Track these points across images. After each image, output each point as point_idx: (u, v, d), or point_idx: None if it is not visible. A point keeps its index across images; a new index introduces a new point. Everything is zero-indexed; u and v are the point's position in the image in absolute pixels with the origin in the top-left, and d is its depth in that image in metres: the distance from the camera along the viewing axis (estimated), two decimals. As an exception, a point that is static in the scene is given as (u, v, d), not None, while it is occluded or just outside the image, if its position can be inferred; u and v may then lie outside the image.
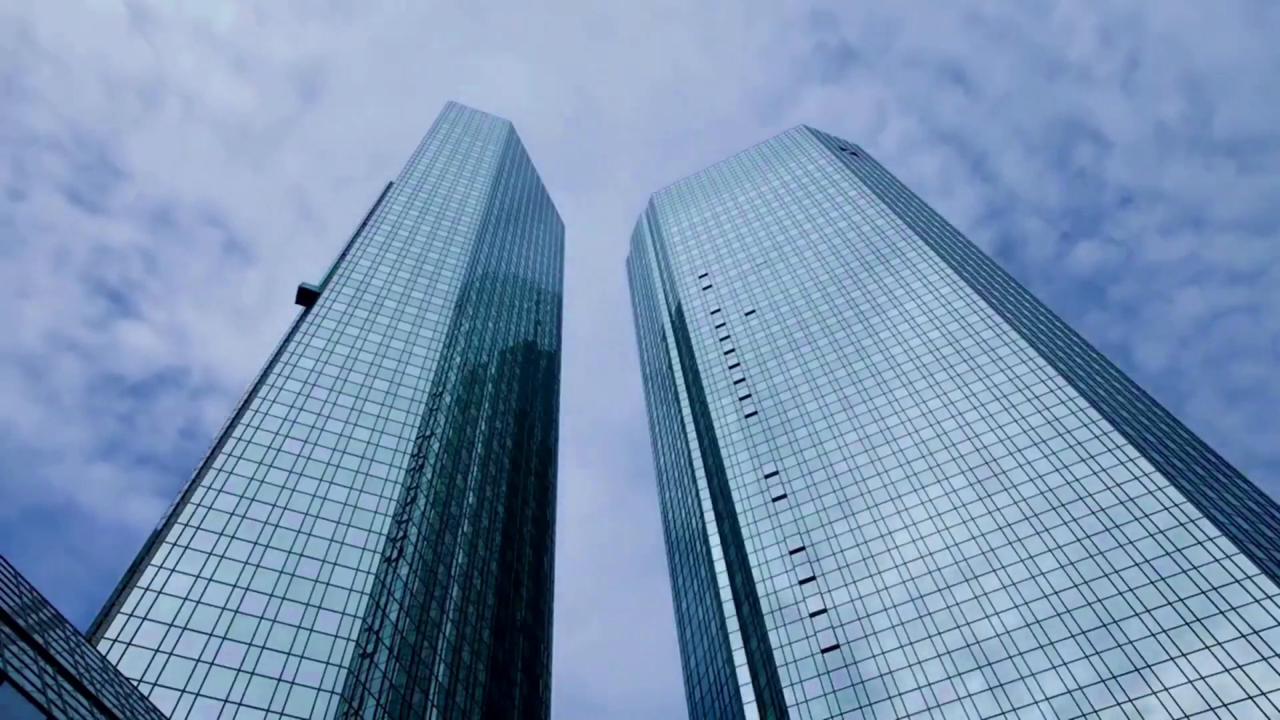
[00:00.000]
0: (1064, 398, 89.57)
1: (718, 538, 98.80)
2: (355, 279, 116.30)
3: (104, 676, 34.39)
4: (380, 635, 68.67)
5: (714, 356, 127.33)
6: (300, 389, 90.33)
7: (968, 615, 73.57)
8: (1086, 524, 75.70)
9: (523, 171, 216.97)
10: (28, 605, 31.52)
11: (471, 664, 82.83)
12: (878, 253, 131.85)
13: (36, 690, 24.25)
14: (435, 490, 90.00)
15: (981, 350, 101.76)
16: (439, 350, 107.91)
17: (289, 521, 74.14)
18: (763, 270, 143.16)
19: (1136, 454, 79.71)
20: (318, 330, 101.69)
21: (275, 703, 58.88)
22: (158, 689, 56.34)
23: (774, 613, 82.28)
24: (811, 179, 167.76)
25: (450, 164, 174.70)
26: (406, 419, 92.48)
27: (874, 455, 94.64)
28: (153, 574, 64.54)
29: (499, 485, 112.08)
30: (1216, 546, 68.57)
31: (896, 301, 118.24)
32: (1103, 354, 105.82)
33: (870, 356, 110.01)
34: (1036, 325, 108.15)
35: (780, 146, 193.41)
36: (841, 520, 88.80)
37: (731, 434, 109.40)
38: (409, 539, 79.94)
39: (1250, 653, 60.78)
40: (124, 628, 59.53)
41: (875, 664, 73.37)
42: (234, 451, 79.15)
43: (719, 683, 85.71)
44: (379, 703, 64.28)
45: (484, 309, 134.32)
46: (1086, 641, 66.86)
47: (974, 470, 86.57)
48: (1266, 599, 63.40)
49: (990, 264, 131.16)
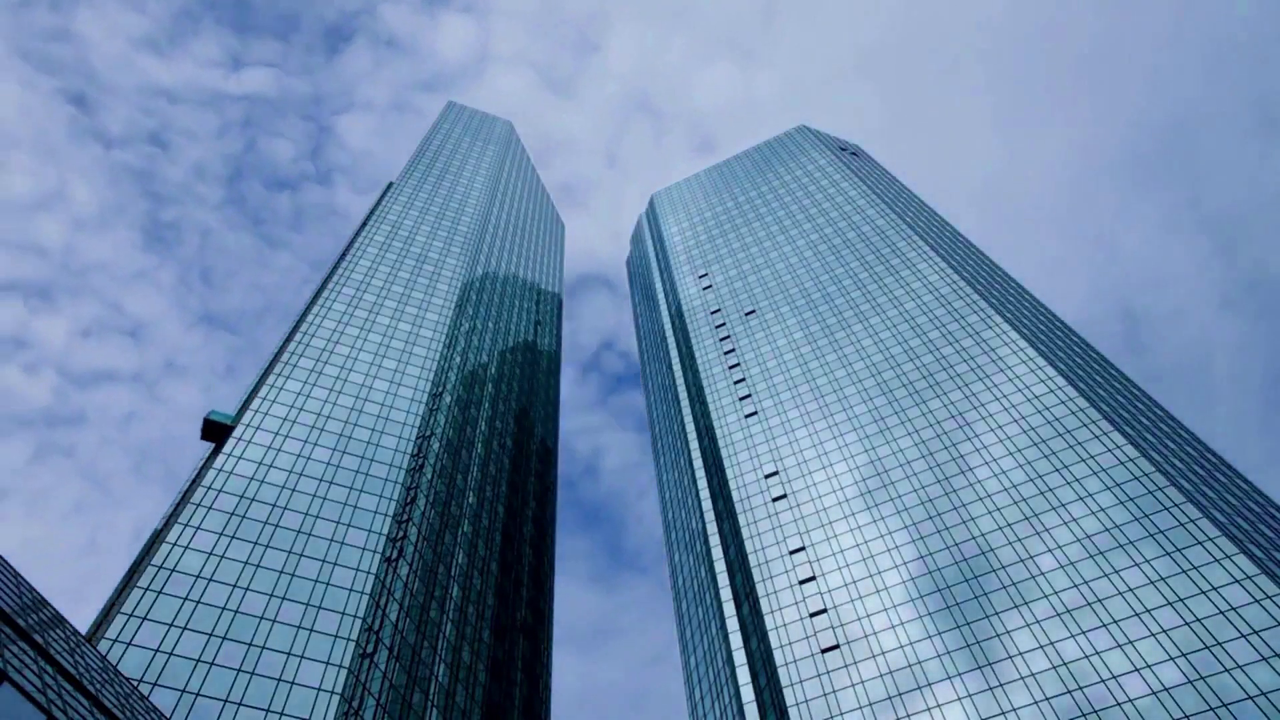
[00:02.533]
0: (1064, 398, 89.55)
1: (718, 538, 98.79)
2: (355, 279, 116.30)
3: (104, 676, 34.38)
4: (380, 635, 68.67)
5: (714, 356, 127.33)
6: (300, 389, 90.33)
7: (968, 615, 73.58)
8: (1086, 524, 75.70)
9: (523, 171, 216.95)
10: (28, 605, 31.51)
11: (471, 664, 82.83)
12: (877, 253, 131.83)
13: (36, 690, 24.26)
14: (435, 490, 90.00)
15: (981, 350, 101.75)
16: (439, 350, 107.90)
17: (289, 521, 74.14)
18: (763, 270, 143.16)
19: (1136, 454, 79.71)
20: (318, 330, 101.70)
21: (275, 703, 58.89)
22: (158, 689, 56.34)
23: (774, 613, 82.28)
24: (811, 179, 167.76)
25: (450, 164, 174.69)
26: (406, 419, 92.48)
27: (874, 455, 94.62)
28: (153, 574, 64.54)
29: (499, 485, 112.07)
30: (1216, 546, 68.57)
31: (896, 301, 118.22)
32: (1102, 354, 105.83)
33: (870, 356, 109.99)
34: (1037, 325, 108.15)
35: (780, 146, 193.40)
36: (841, 520, 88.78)
37: (731, 434, 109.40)
38: (409, 539, 79.93)
39: (1250, 653, 60.79)
40: (124, 628, 59.53)
41: (875, 664, 73.37)
42: (234, 451, 79.14)
43: (719, 683, 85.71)
44: (379, 703, 64.28)
45: (484, 309, 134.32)
46: (1086, 641, 66.87)
47: (974, 470, 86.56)
48: (1266, 599, 63.40)
49: (990, 264, 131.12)
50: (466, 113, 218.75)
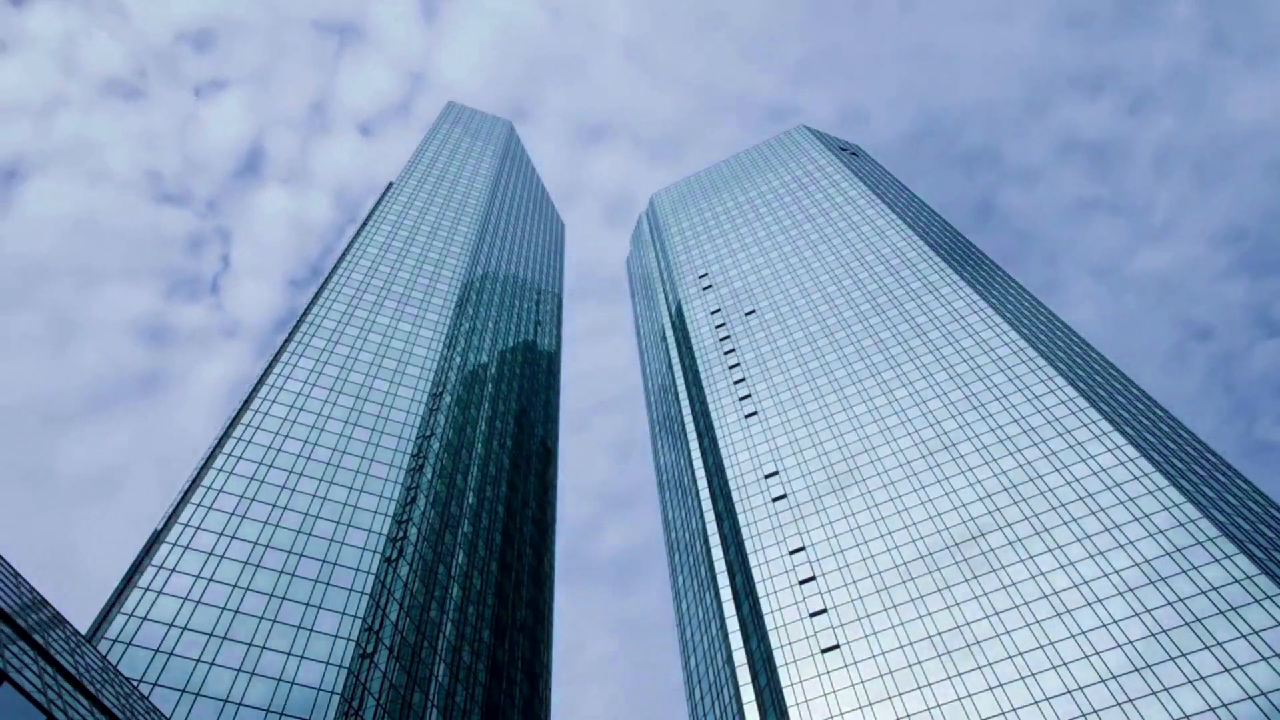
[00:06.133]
0: (1064, 398, 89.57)
1: (718, 538, 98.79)
2: (355, 279, 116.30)
3: (104, 676, 34.38)
4: (380, 635, 68.67)
5: (714, 356, 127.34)
6: (300, 389, 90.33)
7: (968, 615, 73.57)
8: (1087, 524, 75.71)
9: (523, 171, 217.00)
10: (28, 605, 31.52)
11: (471, 664, 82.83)
12: (877, 252, 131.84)
13: (36, 690, 24.26)
14: (435, 490, 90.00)
15: (981, 350, 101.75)
16: (439, 350, 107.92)
17: (289, 521, 74.15)
18: (763, 270, 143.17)
19: (1136, 454, 79.71)
20: (318, 330, 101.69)
21: (275, 703, 58.90)
22: (158, 689, 56.34)
23: (774, 613, 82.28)
24: (811, 179, 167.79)
25: (450, 164, 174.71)
26: (406, 419, 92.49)
27: (874, 455, 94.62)
28: (153, 574, 64.55)
29: (499, 485, 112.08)
30: (1216, 546, 68.57)
31: (896, 302, 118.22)
32: (1103, 354, 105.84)
33: (870, 356, 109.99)
34: (1036, 323, 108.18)
35: (780, 146, 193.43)
36: (841, 520, 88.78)
37: (731, 434, 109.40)
38: (409, 539, 79.94)
39: (1250, 653, 60.78)
40: (124, 628, 59.54)
41: (875, 664, 73.37)
42: (234, 451, 79.15)
43: (719, 683, 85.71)
44: (379, 703, 64.28)
45: (484, 309, 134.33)
46: (1086, 641, 66.86)
47: (974, 470, 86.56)
48: (1266, 599, 63.39)
49: (990, 264, 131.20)
50: (467, 113, 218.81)
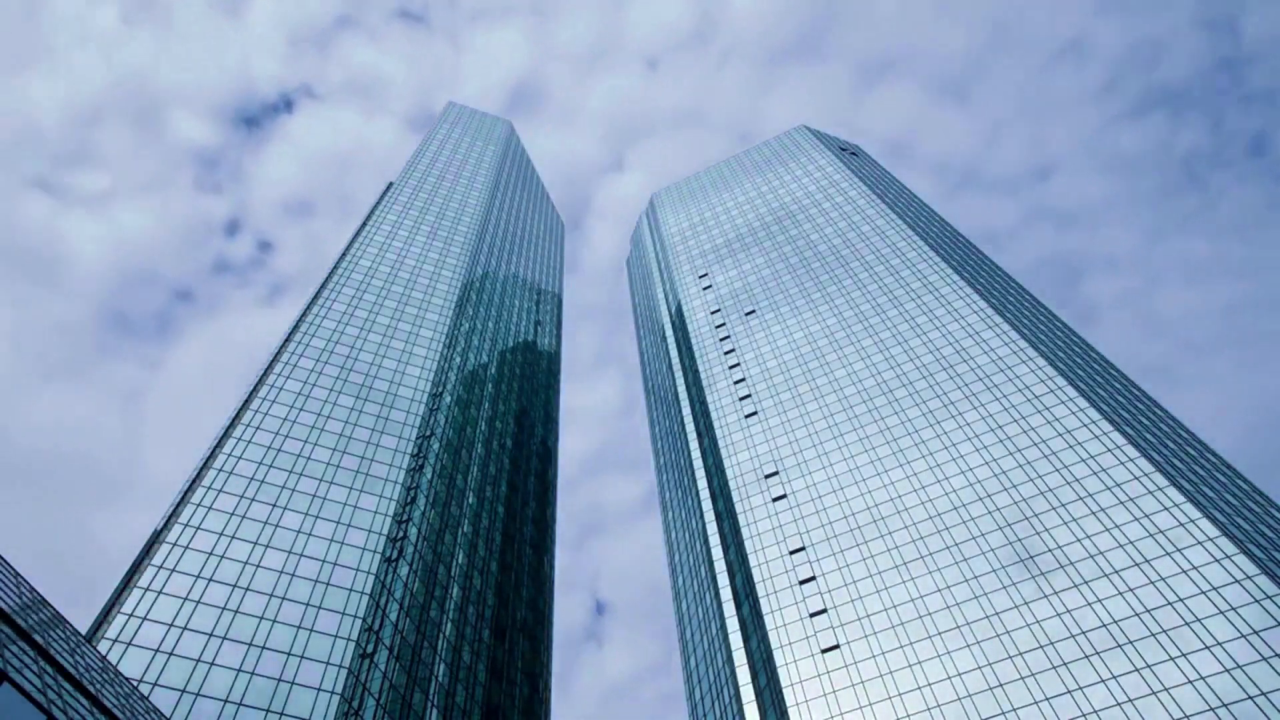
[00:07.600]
0: (1064, 398, 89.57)
1: (718, 538, 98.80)
2: (355, 279, 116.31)
3: (104, 676, 34.39)
4: (380, 635, 68.68)
5: (714, 356, 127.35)
6: (300, 389, 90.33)
7: (968, 615, 73.59)
8: (1086, 524, 75.71)
9: (523, 171, 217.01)
10: (28, 605, 31.52)
11: (471, 664, 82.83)
12: (877, 252, 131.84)
13: (36, 690, 24.27)
14: (435, 490, 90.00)
15: (981, 350, 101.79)
16: (439, 350, 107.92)
17: (289, 521, 74.16)
18: (763, 270, 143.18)
19: (1136, 454, 79.72)
20: (318, 330, 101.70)
21: (275, 703, 58.90)
22: (158, 689, 56.35)
23: (774, 613, 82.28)
24: (811, 179, 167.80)
25: (450, 164, 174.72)
26: (406, 419, 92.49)
27: (874, 455, 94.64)
28: (153, 574, 64.55)
29: (499, 485, 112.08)
30: (1216, 546, 68.58)
31: (896, 301, 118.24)
32: (1103, 354, 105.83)
33: (870, 356, 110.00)
34: (1036, 323, 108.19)
35: (780, 146, 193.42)
36: (841, 520, 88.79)
37: (731, 434, 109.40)
38: (409, 539, 79.94)
39: (1250, 653, 60.79)
40: (124, 628, 59.55)
41: (875, 664, 73.38)
42: (234, 451, 79.16)
43: (719, 683, 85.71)
44: (379, 703, 64.29)
45: (484, 309, 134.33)
46: (1086, 641, 66.87)
47: (974, 470, 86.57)
48: (1266, 599, 63.40)
49: (990, 264, 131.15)
50: (467, 112, 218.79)
